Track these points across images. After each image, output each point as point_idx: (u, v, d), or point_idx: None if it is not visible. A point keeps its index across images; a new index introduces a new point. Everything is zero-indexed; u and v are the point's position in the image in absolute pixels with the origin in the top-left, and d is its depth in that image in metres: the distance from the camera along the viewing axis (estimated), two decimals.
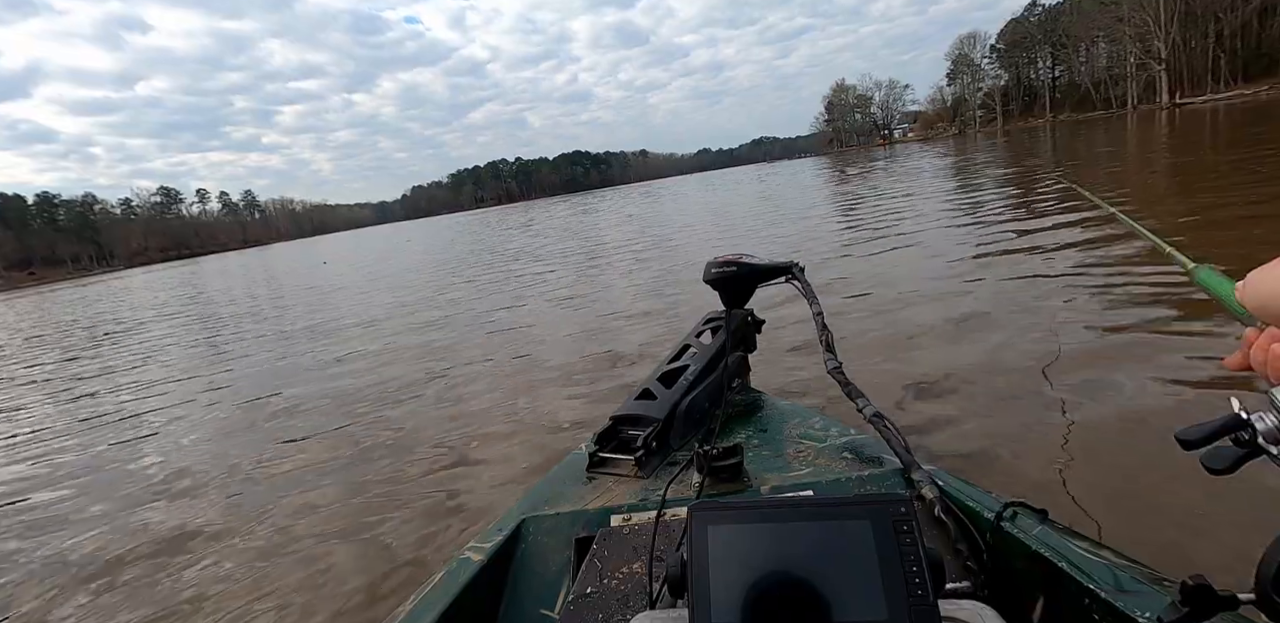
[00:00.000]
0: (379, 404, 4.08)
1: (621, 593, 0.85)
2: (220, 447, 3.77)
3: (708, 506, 0.58)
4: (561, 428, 3.12)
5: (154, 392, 5.69)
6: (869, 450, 1.16)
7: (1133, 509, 1.78)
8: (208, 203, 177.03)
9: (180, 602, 2.13)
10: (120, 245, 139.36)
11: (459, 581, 0.96)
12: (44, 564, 2.58)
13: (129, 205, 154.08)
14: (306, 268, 22.24)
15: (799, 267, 1.37)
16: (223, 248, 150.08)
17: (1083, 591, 0.71)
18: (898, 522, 0.53)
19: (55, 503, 3.26)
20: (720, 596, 0.52)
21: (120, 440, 4.25)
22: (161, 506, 2.99)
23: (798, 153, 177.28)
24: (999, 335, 3.41)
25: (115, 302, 20.70)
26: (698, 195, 28.69)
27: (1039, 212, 7.54)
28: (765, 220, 12.27)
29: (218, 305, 13.70)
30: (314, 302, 11.14)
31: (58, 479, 3.62)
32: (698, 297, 5.54)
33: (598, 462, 1.25)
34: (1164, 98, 57.93)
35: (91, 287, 44.15)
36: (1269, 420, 0.42)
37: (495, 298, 7.92)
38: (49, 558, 2.63)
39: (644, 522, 1.00)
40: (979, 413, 2.56)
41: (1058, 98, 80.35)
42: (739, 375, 1.50)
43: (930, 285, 4.81)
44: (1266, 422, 0.42)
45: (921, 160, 26.74)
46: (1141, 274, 4.06)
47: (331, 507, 2.68)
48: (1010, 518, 0.86)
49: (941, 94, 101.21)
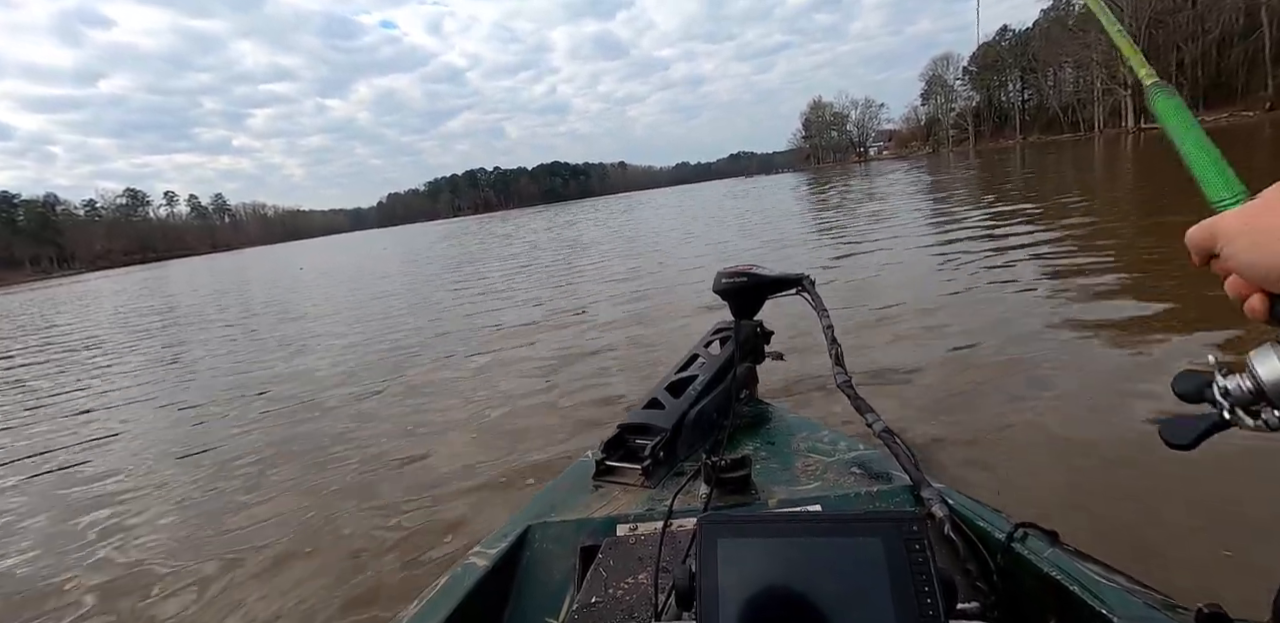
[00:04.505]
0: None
1: (626, 604, 0.83)
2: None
3: (718, 519, 0.57)
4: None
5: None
6: (878, 466, 1.15)
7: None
8: (176, 205, 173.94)
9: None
10: (82, 247, 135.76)
11: (464, 585, 0.94)
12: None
13: (93, 207, 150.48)
14: (287, 280, 20.77)
15: (809, 279, 1.37)
16: (191, 252, 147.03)
17: (1094, 615, 0.70)
18: (909, 540, 0.52)
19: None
20: (729, 610, 0.51)
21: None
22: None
23: (775, 168, 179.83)
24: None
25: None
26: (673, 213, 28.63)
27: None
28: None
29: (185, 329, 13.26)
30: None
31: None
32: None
33: (604, 470, 1.23)
34: (1129, 123, 59.93)
35: (49, 290, 42.59)
36: (1241, 383, 0.41)
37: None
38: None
39: (650, 532, 0.99)
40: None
41: (1027, 120, 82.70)
42: (747, 386, 1.49)
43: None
44: (1237, 384, 0.41)
45: (899, 178, 27.11)
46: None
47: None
48: (1021, 539, 0.85)
49: (916, 113, 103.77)
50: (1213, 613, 0.50)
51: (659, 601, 0.75)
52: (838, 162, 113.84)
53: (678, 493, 1.01)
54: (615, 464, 1.23)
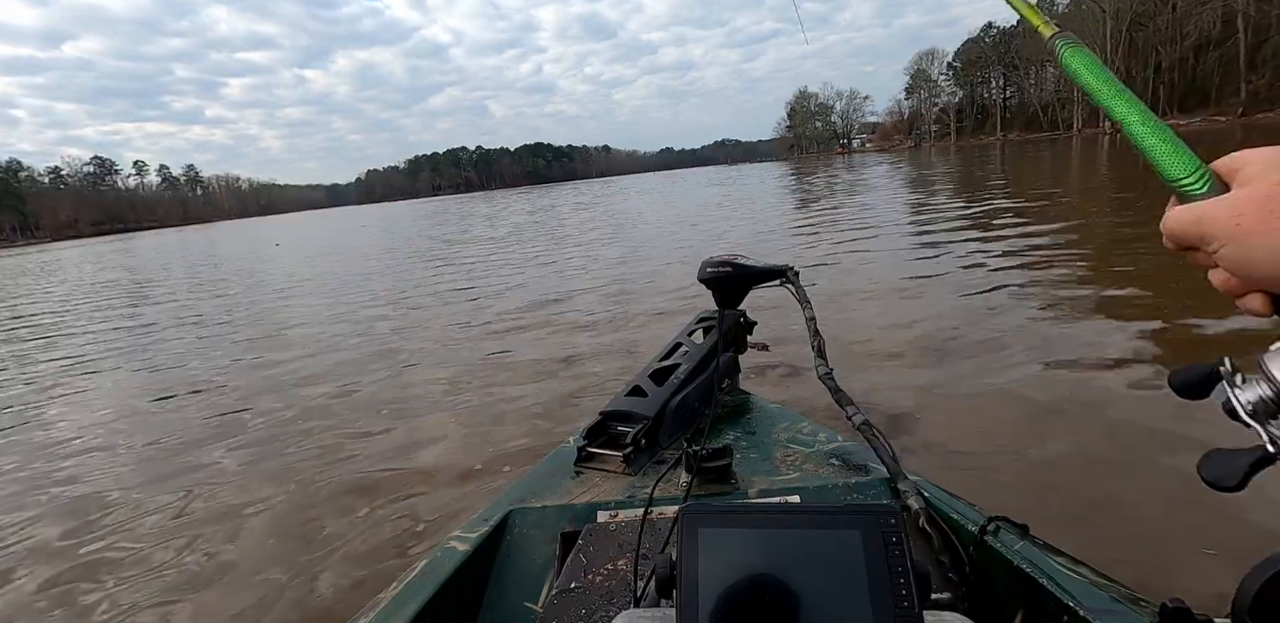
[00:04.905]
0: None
1: (605, 589, 0.84)
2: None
3: (699, 508, 0.57)
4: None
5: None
6: (856, 458, 1.16)
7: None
8: (146, 176, 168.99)
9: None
10: (47, 216, 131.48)
11: (443, 570, 0.94)
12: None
13: (59, 175, 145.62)
14: (259, 262, 20.03)
15: (794, 271, 1.38)
16: (160, 224, 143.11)
17: (1062, 608, 0.72)
18: (887, 533, 0.53)
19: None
20: (709, 598, 0.52)
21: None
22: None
23: (758, 156, 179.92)
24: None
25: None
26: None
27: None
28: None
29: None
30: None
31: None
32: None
33: (585, 456, 1.23)
34: (1107, 124, 60.82)
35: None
36: (1264, 393, 0.37)
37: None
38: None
39: (630, 519, 1.00)
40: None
41: (1008, 117, 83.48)
42: (729, 376, 1.50)
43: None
44: (1259, 394, 0.37)
45: (881, 172, 27.23)
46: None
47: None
48: (993, 532, 0.87)
49: (900, 107, 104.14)
50: (1176, 608, 0.52)
51: (638, 587, 0.76)
52: (820, 152, 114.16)
53: (658, 481, 1.02)
54: (597, 451, 1.23)
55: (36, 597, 2.12)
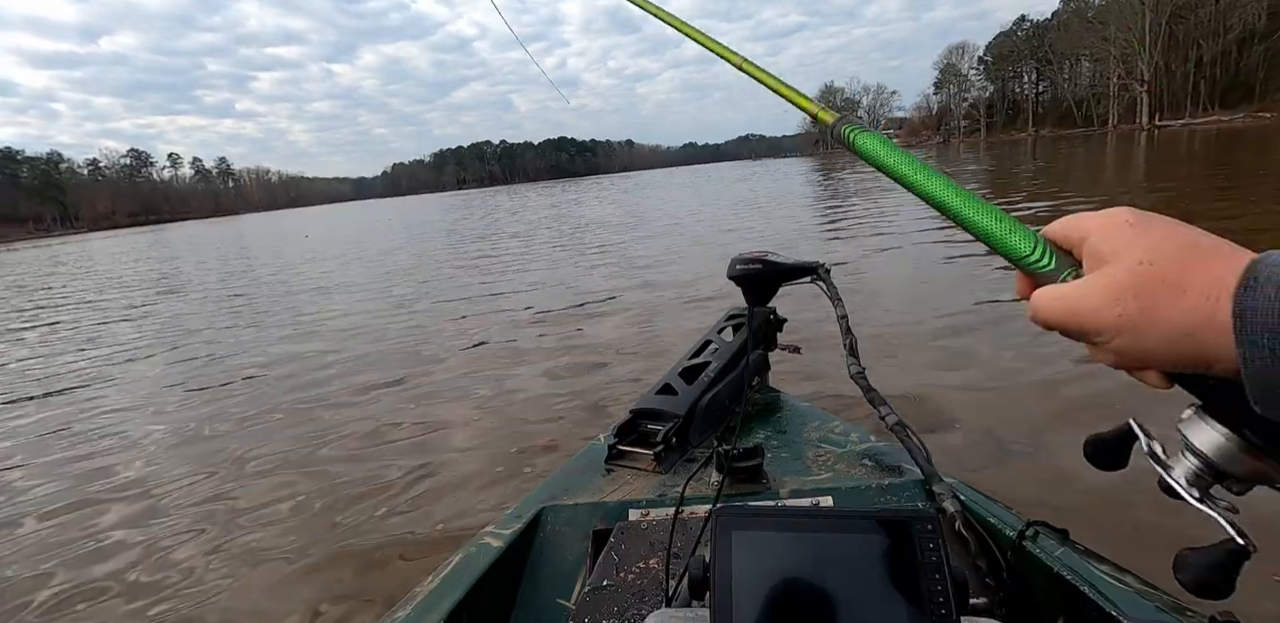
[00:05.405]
0: None
1: (637, 588, 0.84)
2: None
3: (733, 510, 0.57)
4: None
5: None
6: (890, 459, 1.14)
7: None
8: (180, 168, 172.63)
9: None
10: (86, 207, 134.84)
11: (478, 566, 0.95)
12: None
13: (96, 166, 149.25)
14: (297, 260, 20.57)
15: (825, 268, 1.36)
16: (192, 216, 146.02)
17: (1104, 616, 0.70)
18: (924, 539, 0.53)
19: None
20: (742, 601, 0.52)
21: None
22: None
23: (783, 152, 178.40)
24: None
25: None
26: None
27: None
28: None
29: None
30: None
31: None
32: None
33: (616, 454, 1.23)
34: (1144, 119, 59.31)
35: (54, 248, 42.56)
36: (1191, 464, 0.36)
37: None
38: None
39: (662, 518, 1.00)
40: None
41: (1040, 113, 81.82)
42: (759, 374, 1.49)
43: None
44: (1187, 467, 0.37)
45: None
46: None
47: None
48: (1032, 537, 0.85)
49: (928, 102, 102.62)
50: (1227, 622, 0.50)
51: (670, 586, 0.76)
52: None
53: (689, 480, 1.01)
54: (627, 449, 1.23)
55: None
